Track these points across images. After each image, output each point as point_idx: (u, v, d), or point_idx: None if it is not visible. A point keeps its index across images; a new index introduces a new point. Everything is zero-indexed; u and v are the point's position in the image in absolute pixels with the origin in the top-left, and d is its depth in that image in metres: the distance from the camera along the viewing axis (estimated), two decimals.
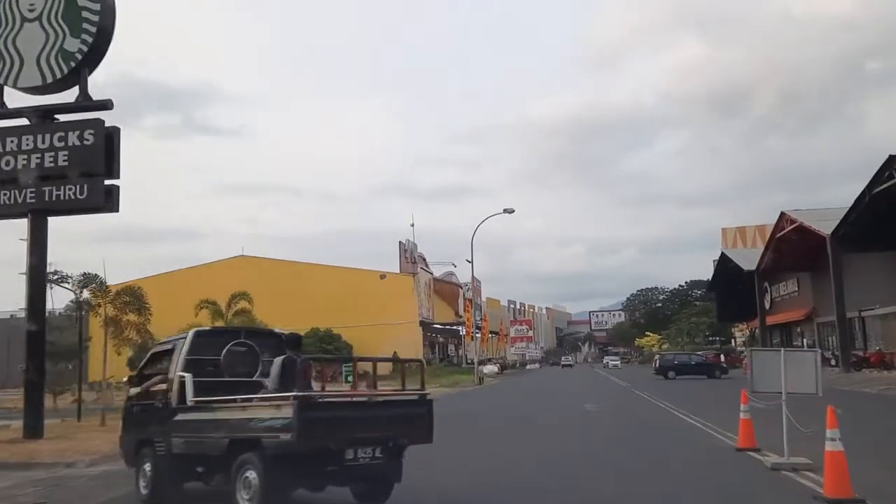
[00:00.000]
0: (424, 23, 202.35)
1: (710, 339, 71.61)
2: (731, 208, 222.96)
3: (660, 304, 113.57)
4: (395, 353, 63.49)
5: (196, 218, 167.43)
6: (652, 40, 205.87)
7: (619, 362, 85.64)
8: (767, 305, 55.22)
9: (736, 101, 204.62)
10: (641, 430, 14.96)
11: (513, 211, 43.26)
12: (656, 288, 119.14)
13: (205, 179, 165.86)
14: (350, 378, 25.53)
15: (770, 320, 54.38)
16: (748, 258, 54.18)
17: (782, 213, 43.75)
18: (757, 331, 65.49)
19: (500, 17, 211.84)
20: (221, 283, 64.83)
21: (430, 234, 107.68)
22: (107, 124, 15.03)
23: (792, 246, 46.04)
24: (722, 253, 58.40)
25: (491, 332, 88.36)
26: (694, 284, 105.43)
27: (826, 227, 37.70)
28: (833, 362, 40.46)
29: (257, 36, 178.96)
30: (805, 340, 50.91)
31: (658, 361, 45.25)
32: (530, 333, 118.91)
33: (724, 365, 44.76)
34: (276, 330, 9.45)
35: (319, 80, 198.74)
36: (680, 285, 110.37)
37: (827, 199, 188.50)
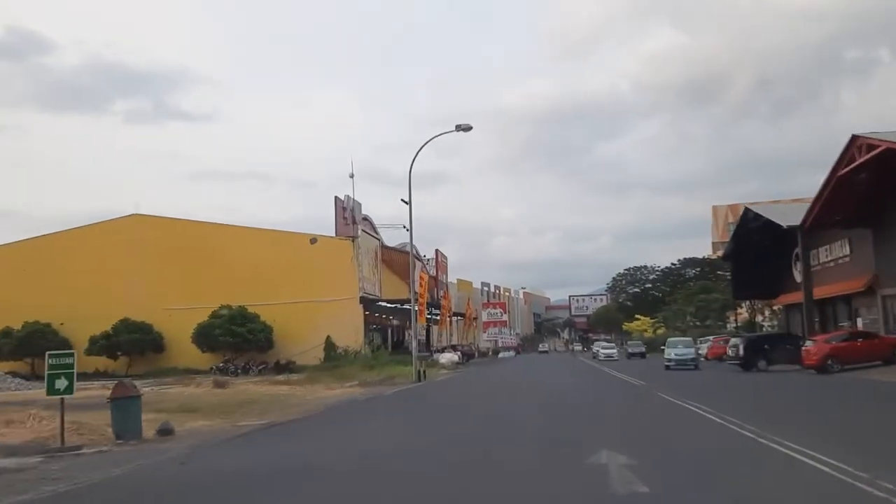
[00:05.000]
0: (399, 8, 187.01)
1: (719, 322, 58.83)
2: (704, 196, 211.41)
3: (649, 285, 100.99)
4: (328, 337, 50.47)
5: (167, 205, 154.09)
6: (626, 28, 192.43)
7: (614, 352, 56.17)
8: (802, 278, 42.28)
9: (710, 88, 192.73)
10: None
11: (470, 128, 29.67)
12: (645, 267, 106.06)
13: (177, 165, 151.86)
14: (62, 383, 11.91)
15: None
16: (783, 213, 41.15)
17: (854, 137, 30.62)
18: (765, 312, 52.76)
19: (474, 4, 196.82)
20: (111, 247, 51.44)
21: (399, 220, 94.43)
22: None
23: (853, 190, 33.13)
24: (745, 209, 45.20)
25: (455, 315, 75.03)
26: (688, 263, 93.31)
27: None
28: None
29: (231, 19, 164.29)
30: (862, 321, 38.00)
31: (741, 346, 31.86)
32: (504, 317, 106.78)
33: None
34: None
35: (292, 65, 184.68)
36: (672, 264, 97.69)
37: (800, 186, 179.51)
